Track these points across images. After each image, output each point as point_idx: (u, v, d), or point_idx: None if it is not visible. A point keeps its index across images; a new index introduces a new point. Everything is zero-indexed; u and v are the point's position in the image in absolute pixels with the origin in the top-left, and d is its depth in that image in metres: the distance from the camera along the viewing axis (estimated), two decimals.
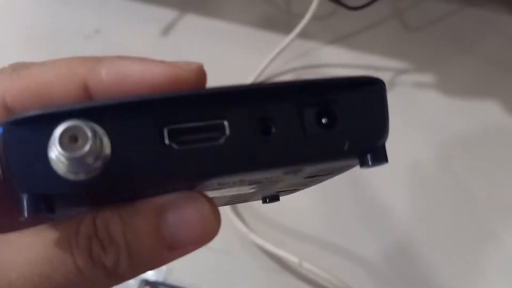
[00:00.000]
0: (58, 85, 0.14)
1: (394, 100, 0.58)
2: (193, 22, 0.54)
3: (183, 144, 0.13)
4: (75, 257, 0.13)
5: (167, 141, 0.13)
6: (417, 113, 0.49)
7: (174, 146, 0.13)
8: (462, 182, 0.44)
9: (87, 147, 0.11)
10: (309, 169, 0.15)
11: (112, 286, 0.14)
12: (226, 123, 0.13)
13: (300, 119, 0.14)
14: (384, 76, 0.51)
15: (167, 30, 0.54)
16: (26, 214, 0.12)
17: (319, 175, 0.17)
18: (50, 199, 0.12)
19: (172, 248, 0.14)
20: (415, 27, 0.55)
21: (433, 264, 0.40)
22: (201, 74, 0.14)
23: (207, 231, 0.14)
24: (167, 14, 0.54)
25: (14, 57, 0.52)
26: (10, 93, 0.14)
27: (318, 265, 0.38)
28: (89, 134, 0.11)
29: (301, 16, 0.49)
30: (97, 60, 0.14)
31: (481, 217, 0.43)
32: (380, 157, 0.15)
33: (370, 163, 0.15)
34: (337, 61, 0.52)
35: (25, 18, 0.54)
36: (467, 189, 0.44)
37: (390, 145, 0.17)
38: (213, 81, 0.18)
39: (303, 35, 0.50)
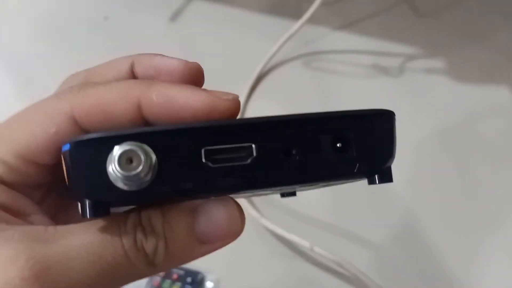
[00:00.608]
0: (117, 104, 0.16)
1: (404, 86, 0.58)
2: (201, 8, 0.54)
3: (217, 162, 0.15)
4: (123, 241, 0.15)
5: (203, 160, 0.15)
6: (426, 98, 0.49)
7: (210, 164, 0.15)
8: (469, 166, 0.45)
9: (140, 168, 0.14)
10: (322, 184, 0.17)
11: (149, 275, 0.16)
12: (254, 146, 0.15)
13: (317, 144, 0.16)
14: (393, 62, 0.51)
15: (175, 17, 0.54)
16: (88, 216, 0.15)
17: (333, 184, 0.20)
18: (107, 205, 0.15)
19: (202, 242, 0.16)
20: (425, 13, 0.54)
21: (440, 247, 0.41)
22: (236, 104, 0.16)
23: (233, 230, 0.16)
24: (175, 0, 0.54)
25: (27, 47, 0.52)
26: (78, 109, 0.16)
27: (329, 250, 0.39)
28: (142, 157, 0.14)
29: (310, 1, 0.49)
30: (150, 83, 0.16)
31: (488, 201, 0.43)
32: (386, 177, 0.17)
33: (377, 182, 0.17)
34: (346, 47, 0.52)
35: (35, 8, 0.55)
36: (475, 173, 0.44)
37: (399, 129, 0.17)
38: (222, 67, 0.18)
39: (312, 21, 0.50)
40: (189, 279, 0.38)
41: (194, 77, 0.19)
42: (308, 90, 0.50)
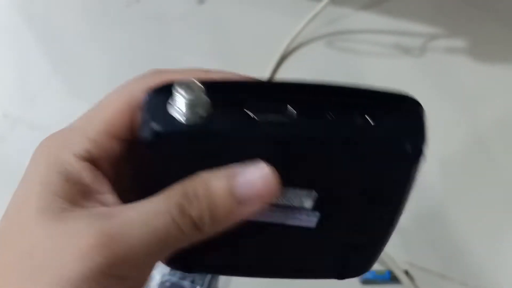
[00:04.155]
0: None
1: (426, 65, 0.58)
2: None
3: (258, 112, 0.17)
4: (170, 209, 0.17)
5: (247, 110, 0.17)
6: (448, 78, 0.49)
7: (250, 113, 0.17)
8: (491, 147, 0.45)
9: (194, 95, 0.17)
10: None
11: (199, 239, 0.18)
12: (290, 106, 0.17)
13: (348, 113, 0.18)
14: (415, 42, 0.52)
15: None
16: (144, 136, 0.17)
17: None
18: (164, 134, 0.17)
19: (241, 203, 0.18)
20: None
21: (462, 230, 0.41)
22: None
23: (268, 188, 0.18)
24: None
25: (65, 24, 0.53)
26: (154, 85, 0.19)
27: None
28: (197, 87, 0.17)
29: None
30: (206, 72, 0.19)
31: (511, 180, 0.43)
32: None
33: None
34: (369, 27, 0.53)
35: None
36: (497, 154, 0.45)
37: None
38: (247, 46, 0.19)
39: (336, 0, 0.51)
40: None
41: None
42: (331, 69, 0.51)
